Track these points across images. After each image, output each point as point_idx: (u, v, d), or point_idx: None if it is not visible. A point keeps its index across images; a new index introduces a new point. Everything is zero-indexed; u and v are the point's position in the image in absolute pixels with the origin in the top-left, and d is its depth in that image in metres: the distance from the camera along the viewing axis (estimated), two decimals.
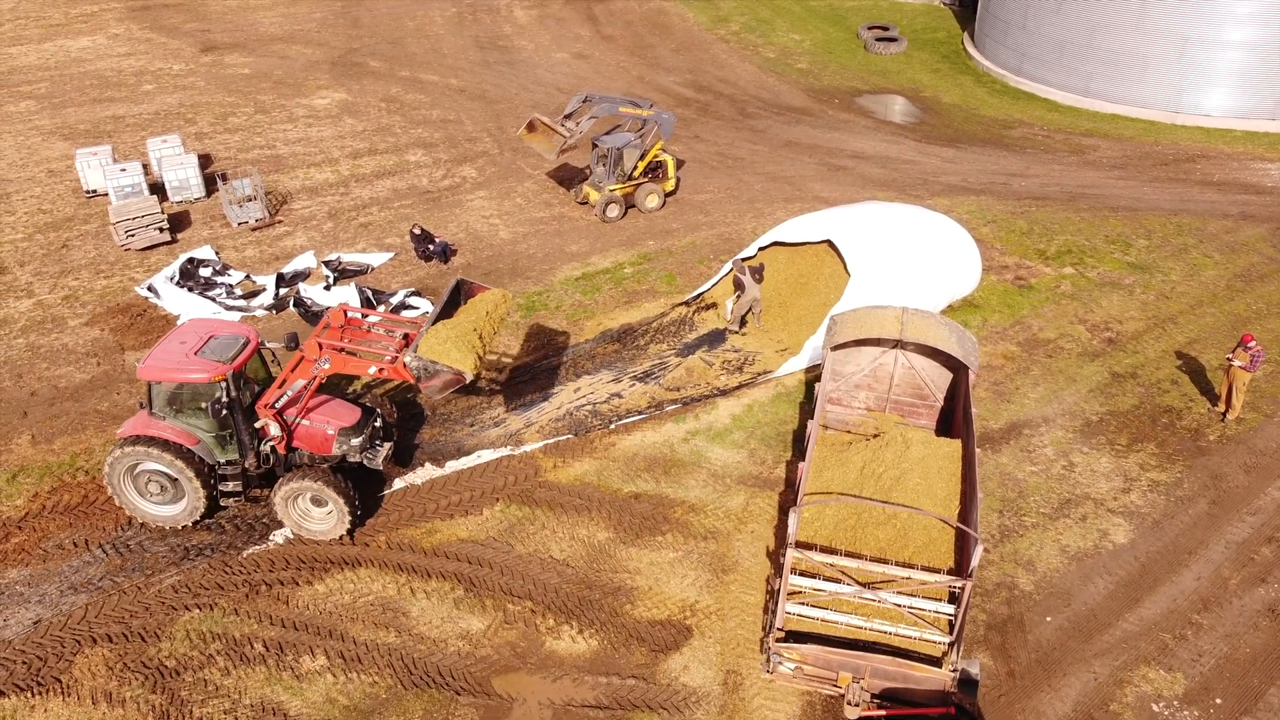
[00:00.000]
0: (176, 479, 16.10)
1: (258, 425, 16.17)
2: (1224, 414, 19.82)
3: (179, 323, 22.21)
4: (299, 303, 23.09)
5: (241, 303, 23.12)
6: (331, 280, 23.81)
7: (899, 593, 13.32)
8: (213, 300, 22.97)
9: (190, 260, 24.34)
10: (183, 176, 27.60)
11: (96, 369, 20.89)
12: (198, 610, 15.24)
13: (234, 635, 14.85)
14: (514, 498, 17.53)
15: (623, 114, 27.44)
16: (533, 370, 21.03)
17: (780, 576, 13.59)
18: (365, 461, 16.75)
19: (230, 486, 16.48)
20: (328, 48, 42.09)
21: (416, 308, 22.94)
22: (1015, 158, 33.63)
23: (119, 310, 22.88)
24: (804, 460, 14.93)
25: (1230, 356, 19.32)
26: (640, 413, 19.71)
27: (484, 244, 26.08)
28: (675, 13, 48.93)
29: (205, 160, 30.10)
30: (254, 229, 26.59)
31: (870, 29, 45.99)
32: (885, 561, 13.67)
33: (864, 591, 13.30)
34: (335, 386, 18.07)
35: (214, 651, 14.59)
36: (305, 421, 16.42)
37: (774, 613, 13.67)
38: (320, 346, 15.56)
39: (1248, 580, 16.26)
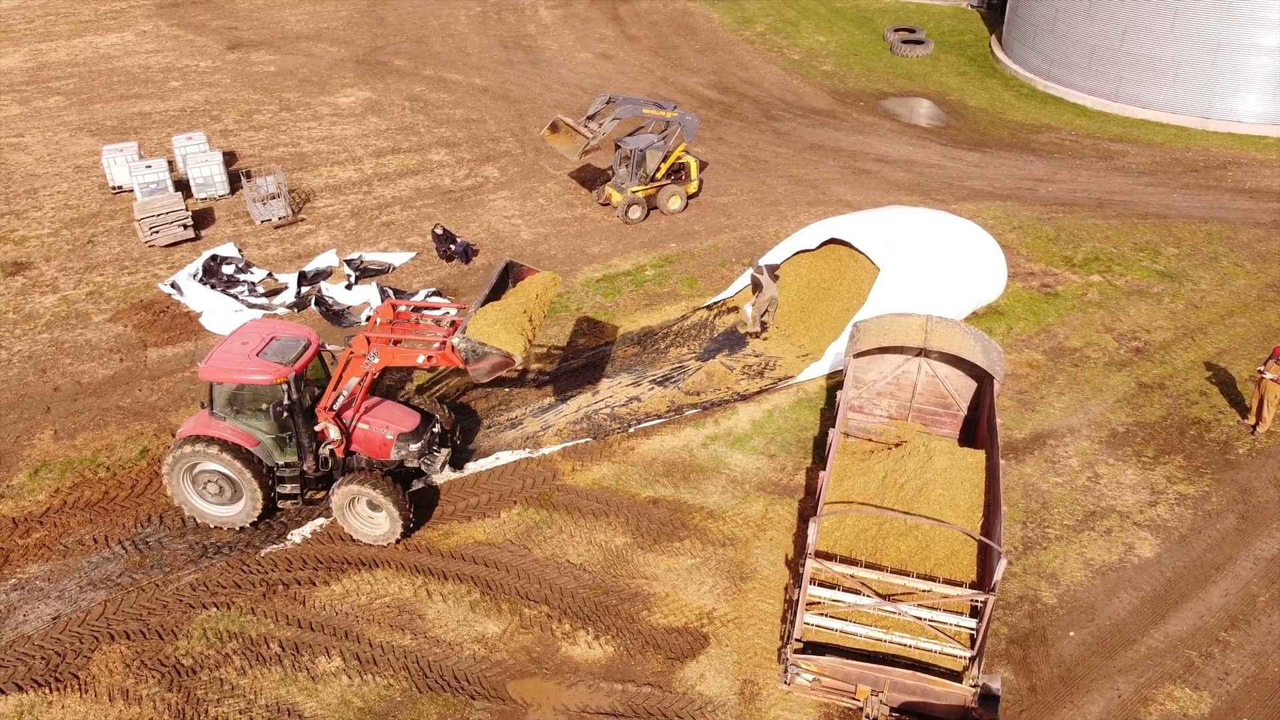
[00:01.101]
0: (235, 480, 16.05)
1: (317, 428, 16.07)
2: (1254, 427, 19.47)
3: (201, 319, 22.35)
4: (320, 301, 23.13)
5: (263, 300, 23.19)
6: (353, 279, 23.84)
7: (920, 605, 13.13)
8: (235, 298, 23.04)
9: (213, 257, 24.45)
10: (207, 174, 27.75)
11: (119, 365, 21.00)
12: (215, 609, 15.26)
13: (250, 635, 14.86)
14: (531, 501, 17.46)
15: (646, 115, 27.32)
16: (551, 373, 20.96)
17: (799, 586, 13.44)
18: (423, 467, 16.67)
19: (288, 489, 16.45)
20: (353, 46, 42.24)
21: (437, 307, 22.88)
22: (1042, 163, 33.25)
23: (142, 306, 23.00)
24: (825, 468, 14.75)
25: (1262, 369, 18.98)
26: (659, 417, 19.59)
27: (505, 244, 26.04)
28: (700, 13, 48.77)
29: (230, 158, 30.24)
30: (277, 227, 26.68)
31: (896, 31, 45.64)
32: (906, 573, 13.47)
33: (884, 603, 13.12)
34: (390, 391, 17.86)
35: (230, 650, 14.60)
36: (364, 425, 16.32)
37: (792, 623, 13.52)
38: (368, 341, 15.40)
39: (1277, 597, 15.95)
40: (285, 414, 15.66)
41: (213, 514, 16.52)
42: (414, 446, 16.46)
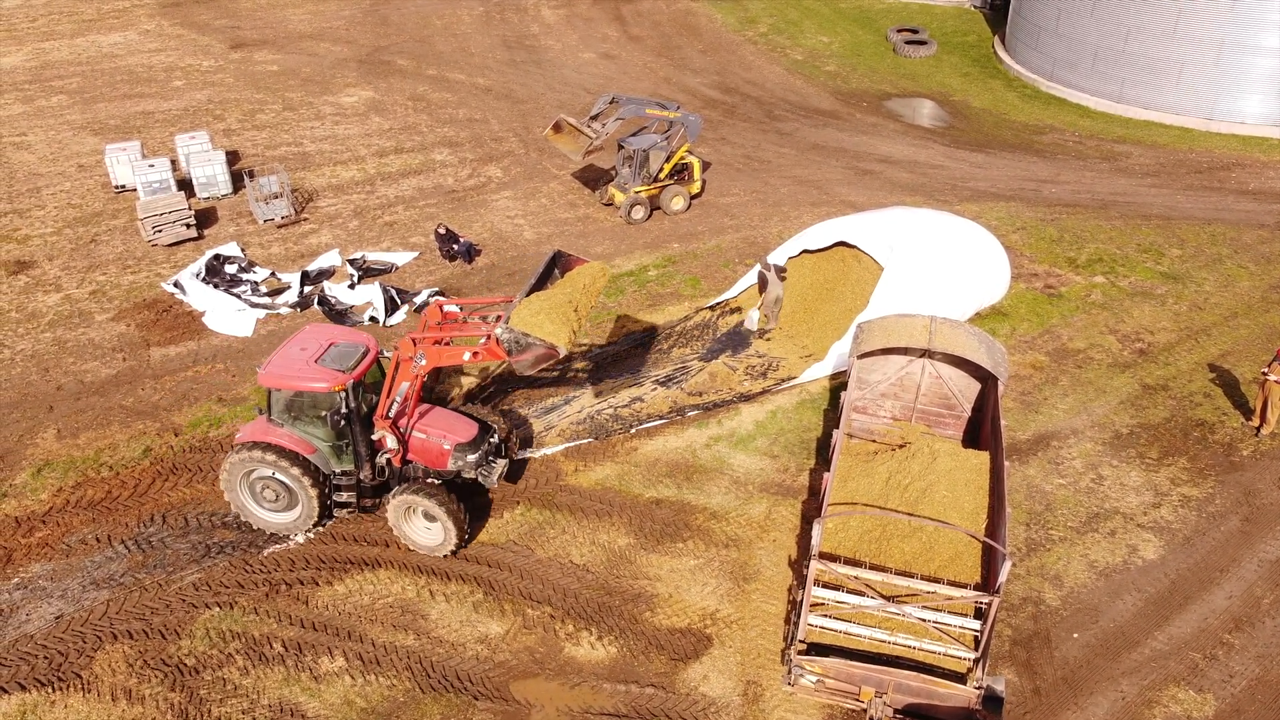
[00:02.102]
0: (291, 487, 15.87)
1: (374, 437, 15.83)
2: (1258, 429, 19.43)
3: (204, 318, 22.34)
4: (323, 300, 23.12)
5: (266, 300, 23.18)
6: (356, 278, 23.83)
7: (924, 607, 13.11)
8: (238, 297, 23.03)
9: (216, 257, 24.44)
10: (210, 173, 27.74)
11: (122, 364, 20.99)
12: (218, 608, 15.25)
13: (253, 634, 14.84)
14: (534, 501, 17.44)
15: (649, 115, 27.30)
16: (554, 373, 20.92)
17: (803, 587, 13.42)
18: (479, 478, 16.35)
19: (344, 497, 16.27)
20: (356, 46, 42.23)
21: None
22: (1046, 164, 33.21)
23: (145, 306, 23.00)
24: (828, 469, 14.73)
25: (1266, 370, 18.95)
26: (662, 417, 19.57)
27: (508, 244, 26.03)
28: (703, 14, 48.75)
29: (233, 157, 30.23)
30: (280, 226, 26.67)
31: (899, 31, 45.60)
32: (910, 575, 13.45)
33: (888, 605, 13.10)
34: (443, 399, 17.43)
35: (233, 650, 14.59)
36: (421, 434, 16.07)
37: (796, 624, 13.50)
38: (414, 343, 15.16)
39: None
40: (343, 422, 15.48)
41: (268, 520, 16.37)
42: (471, 457, 16.12)
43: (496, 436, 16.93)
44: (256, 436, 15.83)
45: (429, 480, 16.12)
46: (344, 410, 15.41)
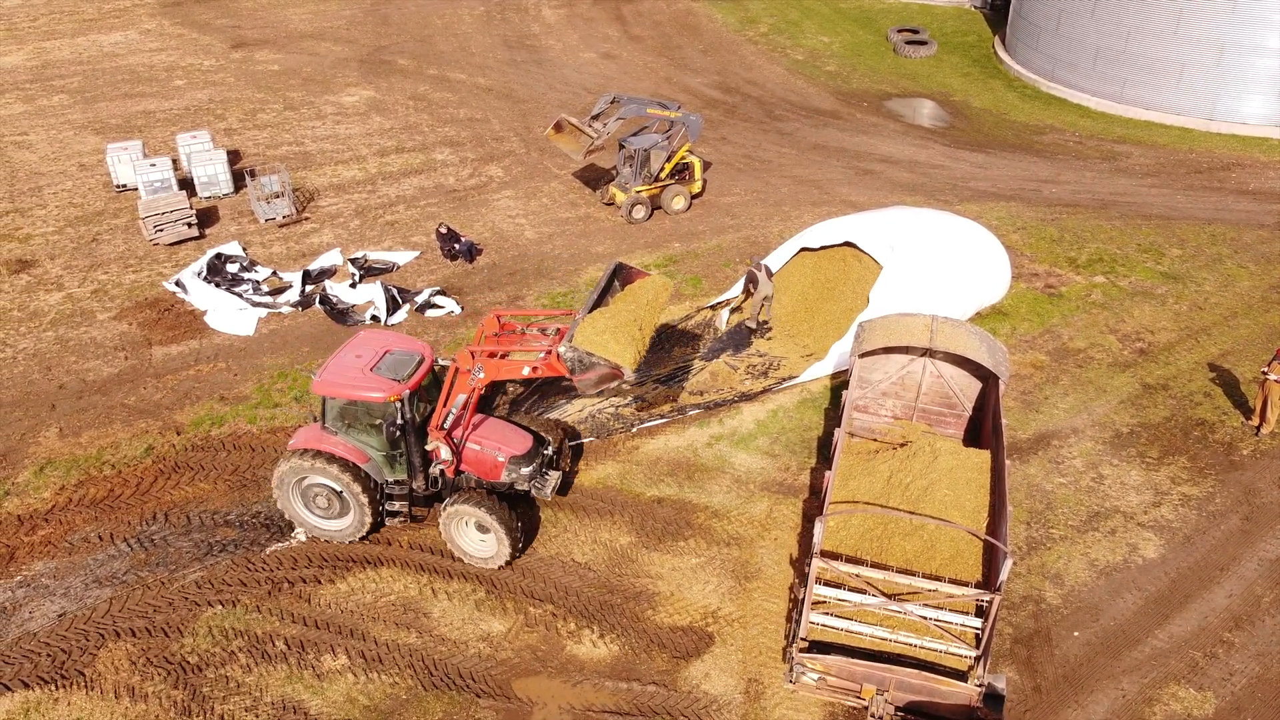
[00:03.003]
0: (343, 494, 15.74)
1: (428, 447, 15.62)
2: (1258, 428, 19.47)
3: (205, 317, 22.37)
4: (324, 300, 23.15)
5: (267, 299, 23.22)
6: (357, 278, 23.87)
7: (925, 605, 13.14)
8: (239, 296, 23.06)
9: (218, 256, 24.47)
10: (211, 172, 27.77)
11: (124, 363, 21.02)
12: (220, 606, 15.28)
13: (256, 632, 14.87)
14: (535, 500, 17.46)
15: (650, 115, 27.34)
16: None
17: (804, 585, 13.45)
18: (533, 491, 16.10)
19: (396, 506, 16.10)
20: (357, 45, 42.27)
21: (441, 306, 22.94)
22: (1046, 164, 33.25)
23: (147, 305, 23.03)
24: (830, 468, 14.76)
25: (1266, 370, 18.98)
26: (663, 416, 19.60)
27: (509, 243, 26.07)
28: (704, 14, 48.79)
29: (234, 156, 30.27)
30: (281, 225, 26.71)
31: (900, 32, 45.64)
32: (911, 573, 13.48)
33: (889, 603, 13.13)
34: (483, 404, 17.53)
35: (236, 648, 14.62)
36: (475, 446, 15.84)
37: (797, 622, 13.53)
38: (473, 355, 14.94)
39: None
40: (398, 432, 15.29)
41: (319, 527, 16.25)
42: (525, 470, 15.88)
43: (550, 449, 16.69)
44: (311, 444, 15.62)
45: (481, 489, 15.84)
46: (399, 421, 15.18)
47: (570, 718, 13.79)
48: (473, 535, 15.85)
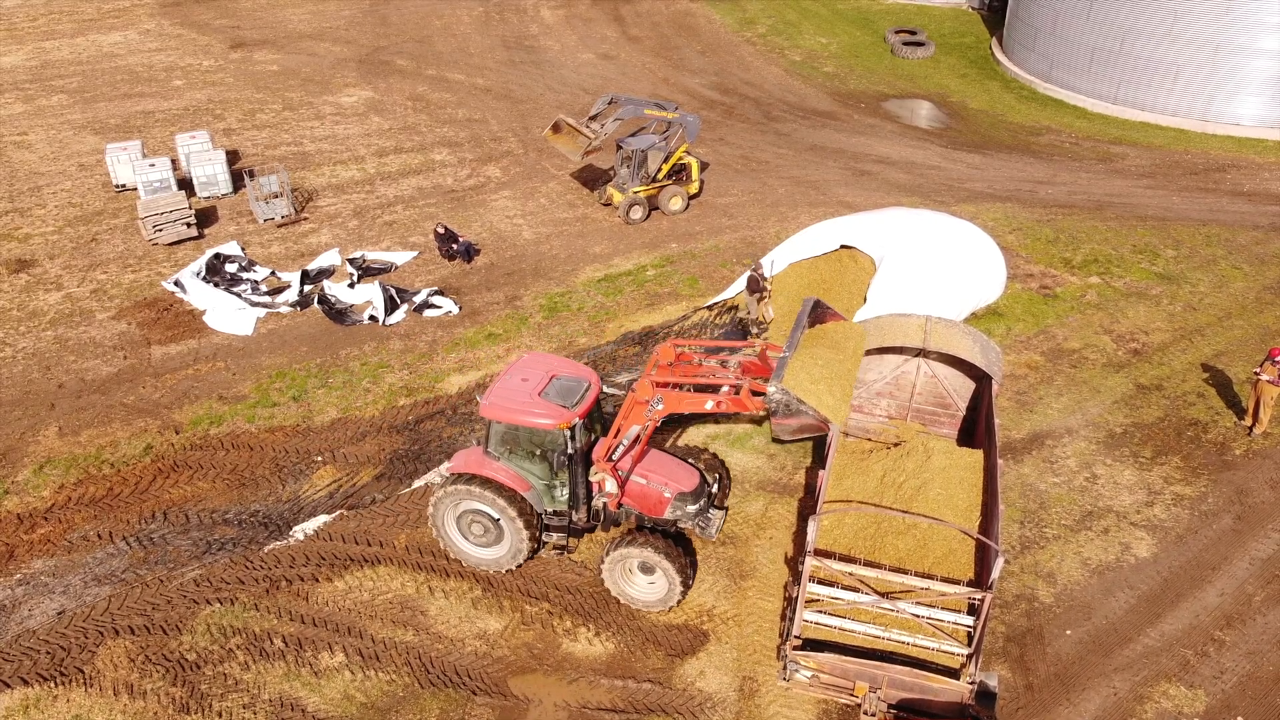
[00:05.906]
0: (499, 520, 15.28)
1: (593, 479, 14.99)
2: (1251, 428, 19.59)
3: (204, 317, 22.44)
4: (323, 299, 23.25)
5: (266, 299, 23.31)
6: (356, 278, 23.96)
7: (918, 603, 13.25)
8: (238, 296, 23.16)
9: (216, 256, 24.56)
10: (210, 172, 27.86)
11: (123, 362, 21.12)
12: (219, 604, 15.38)
13: (254, 630, 14.97)
14: None
15: (648, 116, 27.44)
16: None
17: (798, 584, 13.55)
18: (696, 529, 15.48)
19: (554, 538, 15.63)
20: (355, 46, 42.36)
21: (440, 306, 23.04)
22: (1042, 165, 33.37)
23: (146, 304, 23.12)
24: (824, 467, 14.87)
25: (1258, 370, 19.10)
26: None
27: (507, 244, 26.17)
28: (702, 14, 48.89)
29: (233, 156, 30.36)
30: (280, 226, 26.80)
31: (897, 33, 45.75)
32: (904, 571, 13.60)
33: (882, 601, 13.24)
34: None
35: (234, 646, 14.72)
36: (641, 480, 15.15)
37: (791, 620, 13.62)
38: (653, 386, 14.14)
39: (1272, 597, 16.06)
40: (566, 461, 14.82)
41: (471, 554, 15.82)
42: (692, 508, 15.14)
43: (716, 486, 16.10)
44: (471, 468, 15.21)
45: (643, 529, 15.23)
46: (568, 451, 14.71)
47: (566, 715, 13.89)
48: (639, 579, 15.24)
